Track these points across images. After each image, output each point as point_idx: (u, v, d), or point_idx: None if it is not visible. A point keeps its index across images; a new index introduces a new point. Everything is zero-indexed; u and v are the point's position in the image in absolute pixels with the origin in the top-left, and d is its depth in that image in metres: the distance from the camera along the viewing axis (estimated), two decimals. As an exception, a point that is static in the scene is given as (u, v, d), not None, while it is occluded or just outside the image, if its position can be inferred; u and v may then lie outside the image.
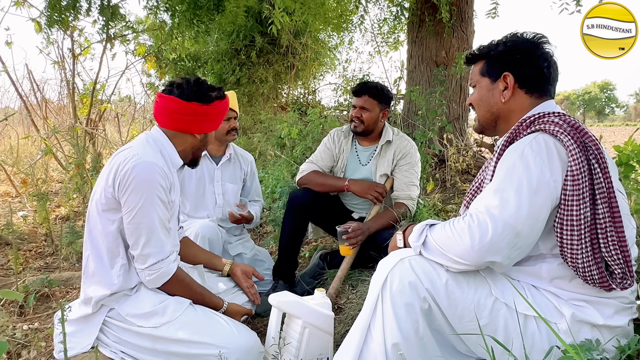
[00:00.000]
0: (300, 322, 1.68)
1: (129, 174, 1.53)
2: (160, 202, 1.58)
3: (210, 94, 1.69)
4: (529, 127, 1.27)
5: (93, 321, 1.63)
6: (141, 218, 1.54)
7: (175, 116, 1.68)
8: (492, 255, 1.15)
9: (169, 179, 1.64)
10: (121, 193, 1.55)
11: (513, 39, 1.38)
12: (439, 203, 2.87)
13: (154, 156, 1.61)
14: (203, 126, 1.73)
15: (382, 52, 6.79)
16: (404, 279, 1.23)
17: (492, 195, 1.19)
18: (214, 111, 1.72)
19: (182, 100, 1.64)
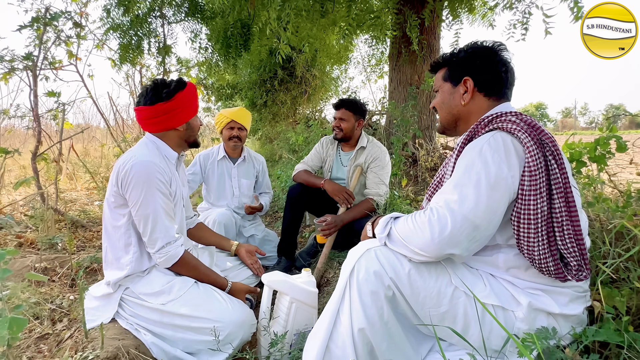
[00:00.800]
0: (288, 298, 1.41)
1: (129, 173, 1.31)
2: (160, 194, 1.35)
3: (168, 92, 1.39)
4: (487, 125, 0.98)
5: (113, 298, 1.40)
6: (144, 210, 1.31)
7: (150, 121, 1.42)
8: (452, 247, 0.86)
9: (166, 173, 1.40)
10: (125, 190, 1.33)
11: (473, 46, 1.08)
12: (412, 194, 2.57)
13: (150, 155, 1.38)
14: (178, 118, 1.44)
15: (371, 80, 6.61)
16: (370, 268, 0.95)
17: (452, 190, 0.90)
18: (180, 102, 1.41)
19: (148, 106, 1.39)
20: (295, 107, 8.04)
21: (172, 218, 1.39)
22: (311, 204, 2.28)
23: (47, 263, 2.05)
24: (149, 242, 1.34)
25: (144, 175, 1.31)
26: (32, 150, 3.18)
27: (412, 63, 3.83)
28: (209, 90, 7.58)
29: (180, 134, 1.49)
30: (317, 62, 7.13)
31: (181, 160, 1.59)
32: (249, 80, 7.54)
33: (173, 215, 1.40)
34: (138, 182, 1.31)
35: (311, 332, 1.04)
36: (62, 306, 1.70)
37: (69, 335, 1.44)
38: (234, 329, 1.30)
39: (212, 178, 2.37)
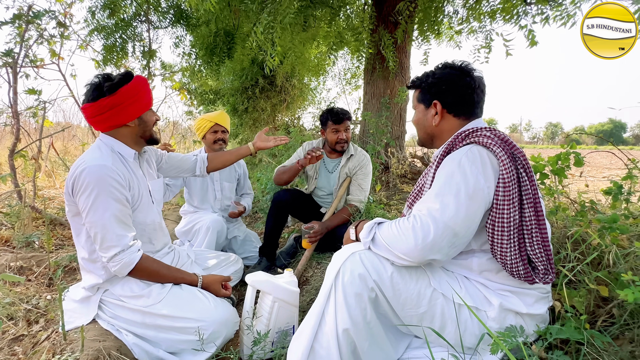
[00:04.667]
0: (271, 298, 1.36)
1: (79, 178, 1.16)
2: (113, 200, 1.17)
3: (109, 86, 1.20)
4: (464, 139, 0.98)
5: (92, 300, 1.29)
6: (93, 216, 1.15)
7: (97, 118, 1.23)
8: (434, 253, 0.85)
9: (122, 175, 1.22)
10: (76, 197, 1.18)
11: (440, 70, 1.08)
12: (384, 199, 2.58)
13: (102, 158, 1.20)
14: (126, 113, 1.24)
15: (346, 92, 6.68)
16: (355, 271, 0.92)
17: (434, 200, 0.89)
18: (126, 96, 1.22)
19: (92, 103, 1.21)
20: (275, 115, 7.96)
21: (127, 225, 1.22)
22: (295, 209, 2.22)
23: (23, 262, 1.88)
24: (101, 250, 1.18)
25: (94, 180, 1.14)
26: (9, 147, 2.93)
27: (385, 78, 3.87)
28: (192, 95, 7.35)
29: (133, 130, 1.29)
30: (296, 73, 7.10)
31: (143, 156, 1.42)
32: (231, 87, 7.39)
33: (129, 222, 1.24)
34: (87, 188, 1.14)
35: (296, 333, 1.00)
36: (38, 306, 1.55)
37: (45, 336, 1.31)
38: (218, 328, 1.23)
39: (194, 182, 2.26)
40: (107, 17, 4.57)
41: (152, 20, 4.76)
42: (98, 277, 1.25)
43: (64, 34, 3.65)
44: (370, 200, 2.35)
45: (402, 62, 3.92)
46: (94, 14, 4.22)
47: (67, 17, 3.82)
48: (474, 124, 1.04)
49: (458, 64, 1.06)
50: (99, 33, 4.59)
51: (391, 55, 3.51)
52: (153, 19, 4.78)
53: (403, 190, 2.92)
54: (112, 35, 4.66)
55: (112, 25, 4.61)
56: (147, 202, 1.36)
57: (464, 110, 1.05)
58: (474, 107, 1.05)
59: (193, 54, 4.69)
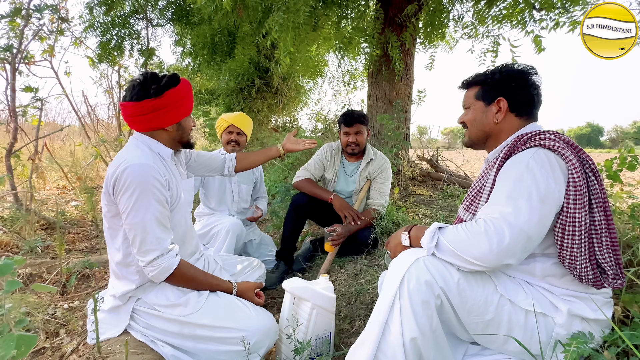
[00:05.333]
0: (309, 304, 1.32)
1: (121, 178, 1.10)
2: (155, 201, 1.12)
3: (157, 88, 1.15)
4: (526, 142, 0.97)
5: (123, 310, 1.21)
6: (134, 217, 1.10)
7: (137, 119, 1.18)
8: (508, 258, 0.83)
9: (163, 175, 1.17)
10: (117, 197, 1.12)
11: (507, 69, 1.07)
12: (399, 202, 2.57)
13: (143, 156, 1.14)
14: (167, 117, 1.20)
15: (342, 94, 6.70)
16: (421, 278, 0.89)
17: (505, 203, 0.87)
18: (171, 100, 1.17)
19: (134, 102, 1.15)
20: (271, 116, 7.89)
21: (167, 228, 1.17)
22: (315, 213, 2.18)
23: (32, 269, 1.78)
24: (139, 253, 1.12)
25: (137, 180, 1.09)
26: (4, 147, 2.78)
27: (390, 80, 3.88)
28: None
29: (170, 134, 1.25)
30: (293, 74, 7.06)
31: (179, 156, 1.37)
32: (227, 87, 7.28)
33: (168, 225, 1.18)
34: (129, 188, 1.09)
35: (356, 343, 0.96)
36: (55, 316, 1.46)
37: (71, 349, 1.23)
38: (261, 337, 1.18)
39: (212, 183, 2.20)
40: (103, 14, 4.43)
41: (151, 18, 4.63)
42: (131, 282, 1.19)
43: (60, 30, 3.51)
44: (388, 204, 2.33)
45: (407, 65, 3.93)
46: (92, 10, 4.07)
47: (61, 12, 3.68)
48: (532, 126, 1.03)
49: (521, 66, 1.05)
50: (95, 30, 4.44)
51: (398, 58, 3.52)
52: (152, 16, 4.66)
53: (415, 192, 2.92)
54: (108, 32, 4.51)
55: (108, 22, 4.46)
56: (183, 202, 1.30)
57: (527, 111, 1.04)
58: (536, 108, 1.04)
59: (194, 53, 4.58)
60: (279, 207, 2.82)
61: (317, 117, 7.26)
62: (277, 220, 2.80)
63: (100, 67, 4.85)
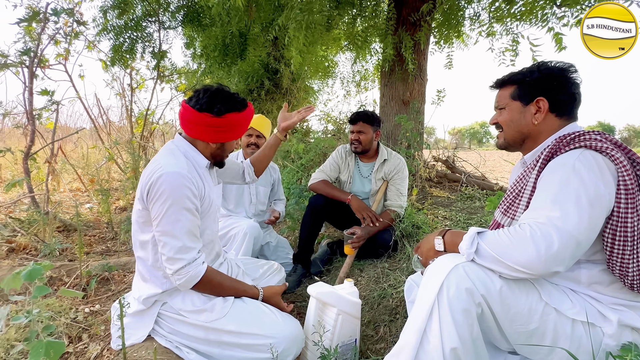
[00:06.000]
0: (335, 310, 1.28)
1: (155, 185, 1.09)
2: (186, 211, 1.12)
3: (221, 108, 1.17)
4: (570, 144, 0.92)
5: (148, 314, 1.20)
6: (165, 226, 1.09)
7: (189, 124, 1.20)
8: (557, 265, 0.79)
9: (196, 184, 1.17)
10: (150, 204, 1.12)
11: (546, 66, 1.02)
12: (417, 203, 2.52)
13: (178, 164, 1.14)
14: (217, 136, 1.22)
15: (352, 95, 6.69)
16: (461, 285, 0.85)
17: (551, 207, 0.82)
18: (227, 123, 1.19)
19: (194, 110, 1.17)
20: (280, 116, 7.90)
21: (196, 237, 1.17)
22: (332, 215, 2.14)
23: (52, 272, 1.78)
24: (168, 261, 1.11)
25: (170, 188, 1.09)
26: (22, 150, 2.80)
27: (404, 80, 3.83)
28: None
29: (210, 149, 1.27)
30: (302, 75, 7.05)
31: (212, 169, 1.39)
32: (237, 89, 7.30)
33: (198, 234, 1.18)
34: (163, 195, 1.08)
35: (391, 353, 0.93)
36: (77, 320, 1.45)
37: (95, 354, 1.22)
38: (289, 345, 1.15)
39: (230, 185, 2.18)
40: (117, 17, 4.47)
41: (163, 21, 4.66)
42: (159, 286, 1.17)
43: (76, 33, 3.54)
44: (407, 206, 2.29)
45: (420, 65, 3.88)
46: (106, 13, 4.10)
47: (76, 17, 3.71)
48: (573, 126, 0.99)
49: (560, 64, 1.01)
50: (108, 33, 4.48)
51: (411, 57, 3.48)
52: (163, 19, 4.68)
53: (433, 194, 2.87)
54: (121, 35, 4.55)
55: (121, 25, 4.50)
56: (214, 210, 1.30)
57: (568, 110, 0.99)
58: (577, 107, 1.00)
59: (205, 55, 4.59)
60: (293, 209, 2.80)
61: (326, 118, 7.25)
62: (291, 223, 2.77)
63: (112, 70, 4.90)
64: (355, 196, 2.04)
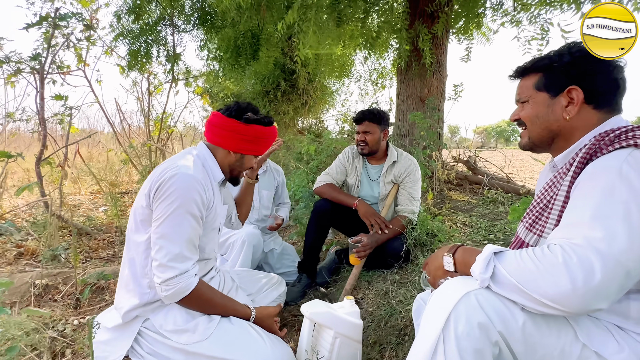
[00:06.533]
0: (332, 333, 1.14)
1: (166, 183, 1.04)
2: (191, 217, 1.06)
3: (250, 117, 1.21)
4: (614, 142, 0.73)
5: (128, 330, 1.10)
6: (166, 229, 1.03)
7: (216, 129, 1.22)
8: (599, 301, 0.61)
9: (207, 193, 1.12)
10: (155, 202, 1.05)
11: (579, 48, 0.83)
12: (434, 208, 2.32)
13: (194, 169, 1.11)
14: (239, 145, 1.23)
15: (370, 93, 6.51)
16: (472, 319, 0.69)
17: (591, 224, 0.64)
18: (251, 132, 1.21)
19: (224, 116, 1.21)
20: (297, 118, 7.82)
21: (195, 247, 1.10)
22: (339, 220, 1.99)
23: (48, 279, 1.73)
24: (159, 268, 1.03)
25: (181, 190, 1.04)
26: (36, 154, 2.84)
27: (421, 76, 3.62)
28: (214, 100, 7.30)
29: (229, 160, 1.27)
30: (318, 75, 6.94)
31: (223, 186, 1.36)
32: (253, 90, 7.29)
33: (197, 244, 1.11)
34: (172, 196, 1.04)
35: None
36: (64, 334, 1.38)
37: (73, 375, 1.13)
38: (274, 373, 1.02)
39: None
40: (132, 22, 4.52)
41: (177, 24, 4.68)
42: (139, 297, 1.08)
43: (91, 39, 3.59)
44: (420, 211, 2.11)
45: (439, 59, 3.66)
46: (120, 18, 4.15)
47: (93, 23, 3.76)
48: (616, 120, 0.80)
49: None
50: (124, 38, 4.54)
51: (428, 52, 3.27)
52: (177, 22, 4.70)
53: (452, 198, 2.65)
54: (137, 40, 4.60)
55: (136, 30, 4.55)
56: (216, 230, 1.26)
57: (609, 101, 0.80)
58: (621, 96, 0.80)
59: (218, 57, 4.57)
60: (303, 214, 2.67)
61: (343, 119, 7.10)
62: (300, 228, 2.64)
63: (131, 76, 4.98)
64: (362, 201, 1.88)
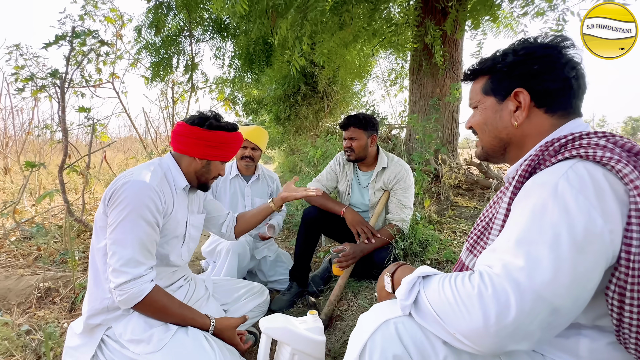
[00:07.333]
0: (289, 349, 1.10)
1: (119, 190, 1.07)
2: (144, 223, 1.07)
3: (212, 123, 1.22)
4: (559, 152, 0.63)
5: (93, 337, 1.13)
6: (118, 234, 1.04)
7: (180, 138, 1.24)
8: (516, 341, 0.52)
9: (163, 201, 1.13)
10: (109, 208, 1.07)
11: (525, 45, 0.73)
12: (435, 215, 2.19)
13: (150, 177, 1.12)
14: (203, 151, 1.23)
15: (390, 94, 6.33)
16: (387, 351, 0.62)
17: (514, 250, 0.55)
18: (215, 138, 1.22)
19: (187, 124, 1.23)
20: (318, 121, 7.82)
21: (150, 253, 1.10)
22: (328, 227, 1.94)
23: (51, 282, 1.84)
24: (113, 273, 1.04)
25: (132, 196, 1.06)
26: (59, 163, 3.05)
27: (433, 76, 3.47)
28: (236, 106, 7.50)
29: (195, 166, 1.27)
30: (339, 78, 6.89)
31: (194, 190, 1.35)
32: (274, 95, 7.41)
33: (153, 250, 1.11)
34: (123, 202, 1.05)
35: None
36: (52, 336, 1.46)
37: (46, 378, 1.19)
38: (221, 390, 1.00)
39: (224, 197, 2.09)
40: (154, 35, 4.76)
41: (194, 35, 4.86)
42: (101, 301, 1.11)
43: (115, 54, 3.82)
44: (418, 218, 2.00)
45: (453, 57, 3.49)
46: (140, 32, 4.38)
47: (118, 38, 4.00)
48: (572, 126, 0.69)
49: (548, 39, 0.71)
50: (147, 51, 4.79)
51: (439, 50, 3.12)
52: (195, 32, 4.88)
53: (457, 204, 2.50)
54: (158, 52, 4.84)
55: (158, 43, 4.79)
56: (179, 237, 1.26)
57: (561, 103, 0.69)
58: (575, 97, 0.69)
59: (234, 65, 4.69)
60: (304, 220, 2.64)
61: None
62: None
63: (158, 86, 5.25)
64: (350, 208, 1.82)
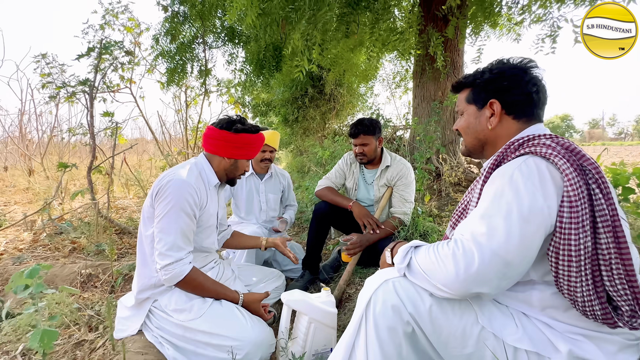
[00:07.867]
0: (307, 318, 1.30)
1: (164, 188, 1.29)
2: (185, 215, 1.29)
3: (238, 127, 1.43)
4: (518, 149, 0.83)
5: (142, 309, 1.36)
6: (164, 224, 1.27)
7: (211, 140, 1.46)
8: (479, 286, 0.72)
9: (199, 196, 1.36)
10: (156, 202, 1.30)
11: (499, 65, 0.94)
12: (435, 210, 2.38)
13: (188, 176, 1.34)
14: (231, 152, 1.45)
15: (395, 96, 6.50)
16: (387, 301, 0.82)
17: (479, 222, 0.76)
18: (241, 140, 1.44)
19: (216, 128, 1.44)
20: (325, 122, 8.02)
21: (189, 240, 1.33)
22: (337, 220, 2.15)
23: (91, 269, 2.07)
24: (159, 256, 1.27)
25: (175, 192, 1.28)
26: (87, 164, 3.31)
27: (435, 80, 3.65)
28: (246, 108, 7.73)
29: (224, 165, 1.49)
30: (345, 81, 7.08)
31: (224, 186, 1.59)
32: (282, 97, 7.62)
33: (191, 237, 1.34)
34: (168, 197, 1.28)
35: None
36: (100, 313, 1.68)
37: (101, 344, 1.41)
38: (253, 349, 1.21)
39: (240, 194, 2.32)
40: (169, 42, 5.01)
41: (208, 42, 5.10)
42: (149, 279, 1.33)
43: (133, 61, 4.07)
44: (419, 212, 2.19)
45: (454, 61, 3.67)
46: (158, 41, 4.63)
47: (136, 46, 4.26)
48: (532, 129, 0.89)
49: (517, 60, 0.92)
50: (163, 58, 5.04)
51: (440, 55, 3.30)
52: (208, 40, 5.13)
53: (457, 199, 2.68)
54: (173, 59, 5.09)
55: (173, 50, 5.03)
56: (212, 227, 1.49)
57: (525, 112, 0.90)
58: (536, 107, 0.89)
59: (244, 69, 4.91)
60: (314, 215, 2.84)
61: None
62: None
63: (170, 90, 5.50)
64: (357, 203, 2.02)
